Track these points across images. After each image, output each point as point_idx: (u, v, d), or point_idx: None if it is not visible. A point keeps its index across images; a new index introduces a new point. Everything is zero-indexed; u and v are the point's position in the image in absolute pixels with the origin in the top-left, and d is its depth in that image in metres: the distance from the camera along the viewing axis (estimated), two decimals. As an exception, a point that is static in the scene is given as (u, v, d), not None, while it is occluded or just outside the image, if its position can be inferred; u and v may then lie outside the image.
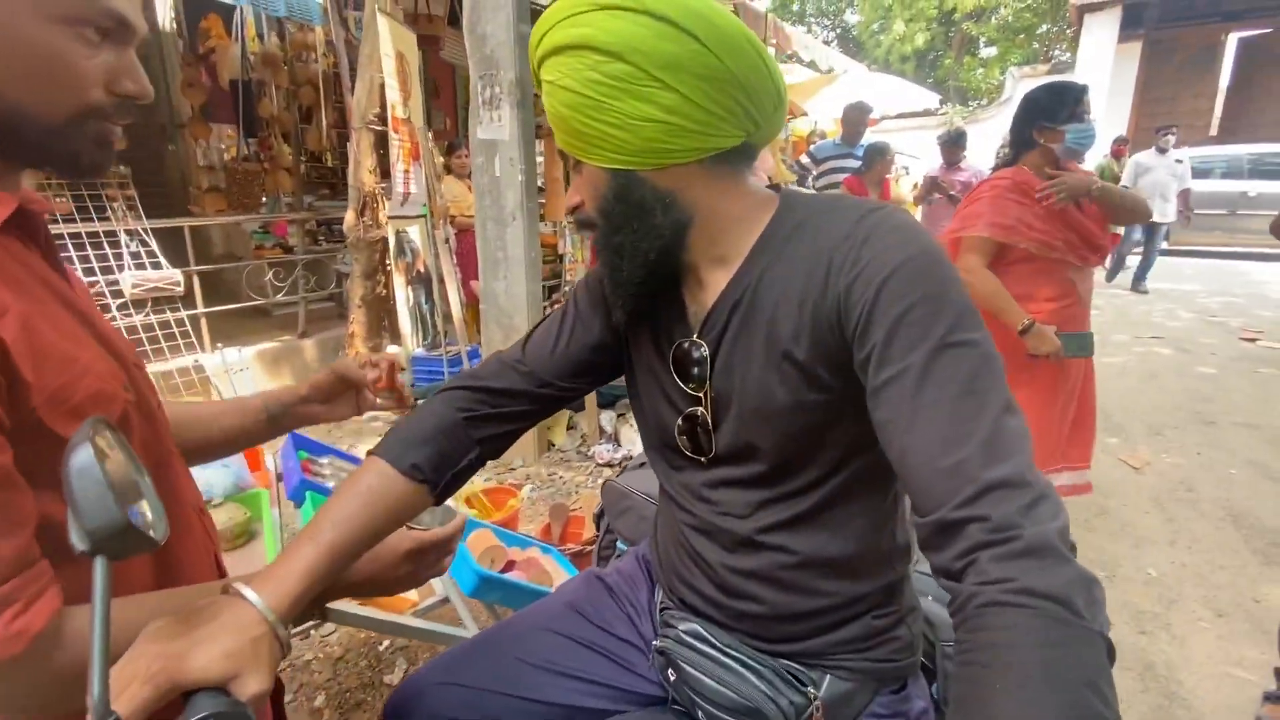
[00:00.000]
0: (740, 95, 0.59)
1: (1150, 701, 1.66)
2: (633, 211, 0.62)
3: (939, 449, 0.49)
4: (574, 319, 0.77)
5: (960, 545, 0.47)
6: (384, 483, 0.66)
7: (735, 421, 0.66)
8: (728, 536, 0.69)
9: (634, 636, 0.80)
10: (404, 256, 3.79)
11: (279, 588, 0.54)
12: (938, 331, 0.52)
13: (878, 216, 0.59)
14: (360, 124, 3.66)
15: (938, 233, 4.80)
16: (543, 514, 2.45)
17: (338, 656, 1.82)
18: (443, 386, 0.75)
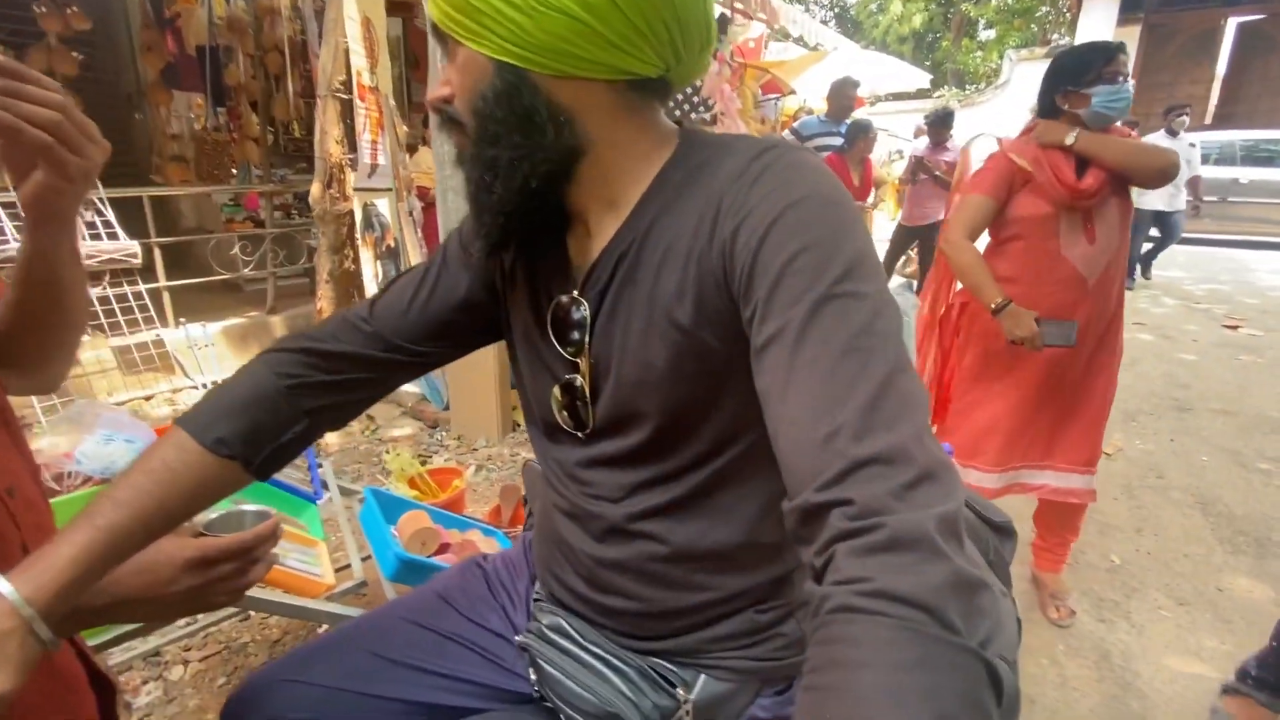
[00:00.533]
0: (670, 18, 0.51)
1: (1104, 691, 1.63)
2: (516, 121, 0.52)
3: (810, 418, 0.41)
4: (439, 271, 0.68)
5: (822, 536, 0.38)
6: (182, 457, 0.58)
7: (613, 392, 0.58)
8: (597, 523, 0.62)
9: (507, 629, 0.74)
10: (372, 230, 3.69)
11: (40, 578, 0.47)
12: (824, 281, 0.44)
13: (773, 154, 0.51)
14: (325, 92, 3.52)
15: (925, 213, 4.76)
16: (490, 497, 2.39)
17: (275, 639, 1.76)
18: (268, 348, 0.66)
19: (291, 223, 4.72)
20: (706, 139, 0.58)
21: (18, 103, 0.52)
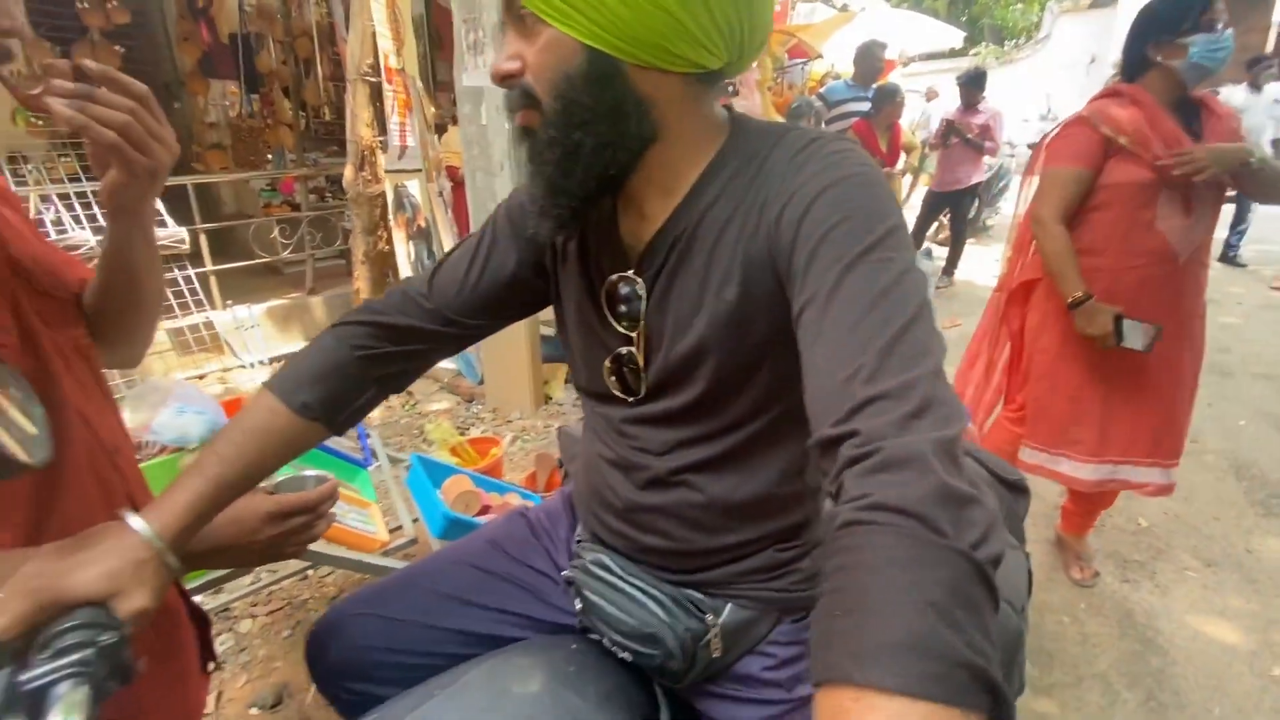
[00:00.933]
0: (745, 16, 0.54)
1: (1124, 648, 1.67)
2: (605, 108, 0.54)
3: (833, 365, 0.45)
4: (489, 250, 0.72)
5: (834, 466, 0.42)
6: (276, 419, 0.67)
7: (664, 363, 0.63)
8: (641, 473, 0.68)
9: (550, 569, 0.82)
10: (404, 211, 3.79)
11: (165, 517, 0.56)
12: (855, 249, 0.48)
13: (818, 144, 0.55)
14: (354, 75, 3.60)
15: (958, 178, 4.65)
16: (527, 464, 2.50)
17: (331, 596, 1.91)
18: (338, 320, 0.74)
19: (326, 205, 4.86)
20: (755, 128, 0.61)
21: (90, 105, 0.59)
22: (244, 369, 3.79)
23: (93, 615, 0.48)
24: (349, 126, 3.71)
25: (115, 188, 0.66)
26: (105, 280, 0.74)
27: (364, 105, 3.67)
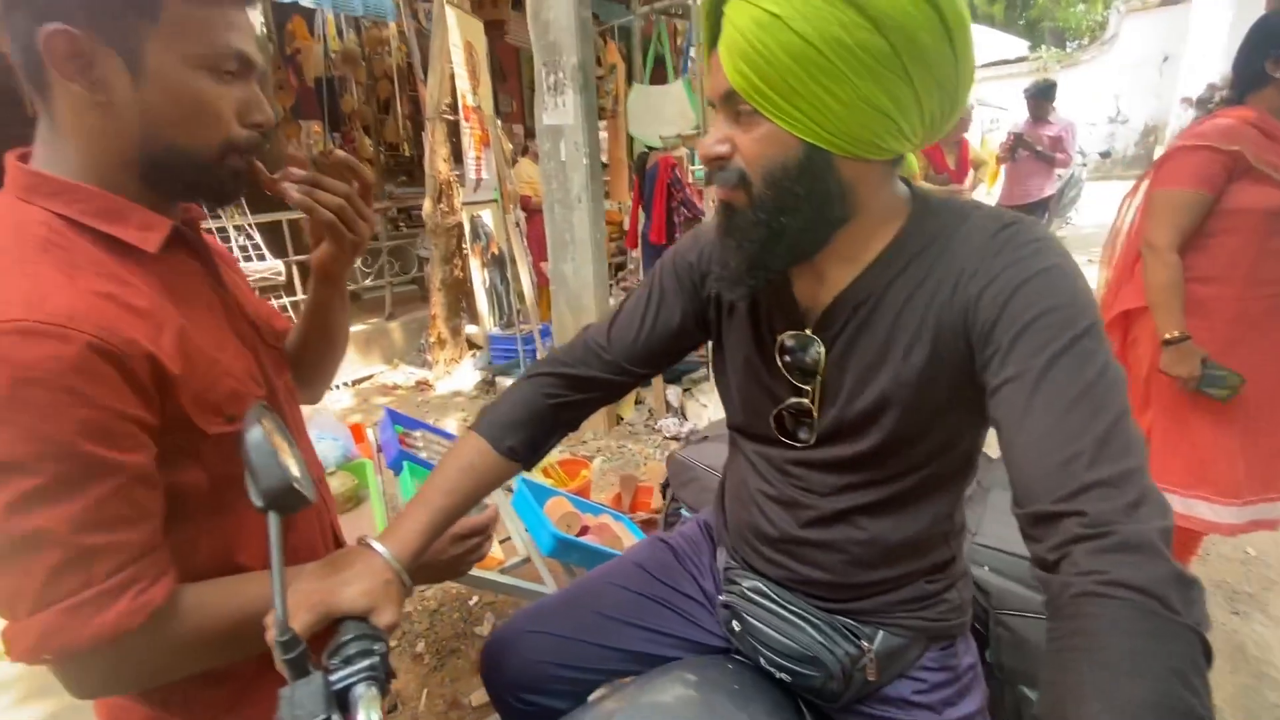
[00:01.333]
0: (948, 108, 0.58)
1: (1238, 683, 1.61)
2: (813, 195, 0.58)
3: (1048, 445, 0.50)
4: (658, 305, 0.78)
5: (1056, 538, 0.48)
6: (484, 460, 0.75)
7: (840, 415, 0.67)
8: (806, 512, 0.73)
9: (698, 593, 0.88)
10: (479, 240, 3.99)
11: (401, 543, 0.65)
12: (1062, 340, 0.52)
13: (1014, 229, 0.59)
14: (434, 114, 3.84)
15: (1027, 191, 4.53)
16: (613, 484, 2.58)
17: (434, 609, 2.03)
18: (532, 370, 0.82)
19: (401, 234, 5.14)
20: (937, 205, 0.65)
21: (315, 190, 0.72)
22: (336, 389, 4.03)
23: (363, 628, 0.57)
24: (428, 162, 3.95)
25: (326, 257, 0.78)
26: (305, 332, 0.87)
27: (442, 142, 3.90)
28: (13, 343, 0.48)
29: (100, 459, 0.52)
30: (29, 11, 0.53)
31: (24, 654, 0.52)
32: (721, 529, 0.88)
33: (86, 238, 0.58)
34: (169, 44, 0.56)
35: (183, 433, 0.59)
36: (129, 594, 0.53)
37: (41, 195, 0.57)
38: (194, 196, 0.66)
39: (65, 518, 0.51)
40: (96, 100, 0.56)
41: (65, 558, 0.51)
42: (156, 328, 0.57)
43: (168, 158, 0.59)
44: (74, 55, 0.54)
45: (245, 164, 0.65)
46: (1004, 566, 0.97)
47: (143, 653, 0.56)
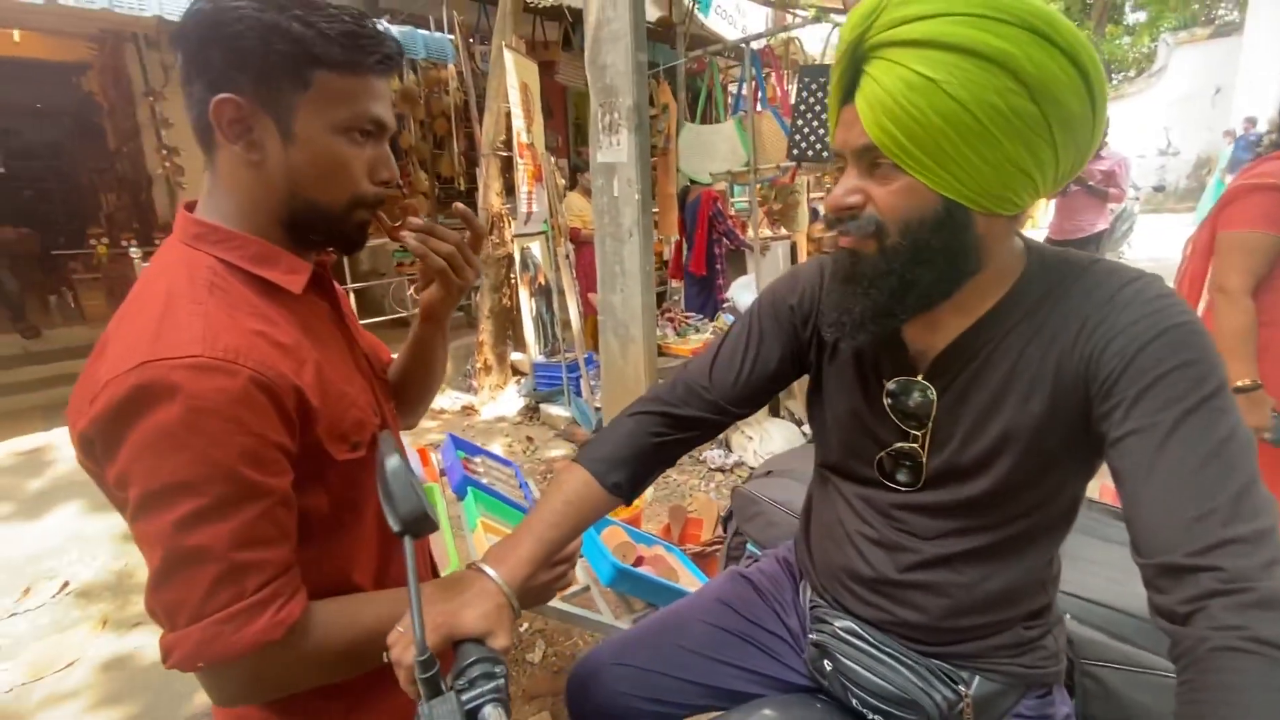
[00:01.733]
0: (1077, 163, 0.59)
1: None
2: (950, 250, 0.59)
3: (1179, 498, 0.51)
4: (757, 346, 0.80)
5: (1189, 591, 0.49)
6: (591, 493, 0.77)
7: (950, 461, 0.68)
8: (906, 555, 0.73)
9: (782, 630, 0.88)
10: (527, 270, 4.11)
11: (512, 569, 0.67)
12: (1192, 398, 0.53)
13: (1139, 285, 0.60)
14: (489, 151, 4.01)
15: (1079, 226, 4.45)
16: (660, 514, 2.59)
17: (485, 634, 2.05)
18: (635, 408, 0.83)
19: (451, 264, 5.31)
20: (1054, 260, 0.65)
21: (430, 239, 0.78)
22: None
23: (483, 651, 0.59)
24: (481, 196, 4.11)
25: (433, 298, 0.84)
26: (407, 365, 0.93)
27: (495, 177, 4.06)
28: (191, 376, 0.54)
29: (254, 483, 0.57)
30: (205, 82, 0.61)
31: (180, 661, 0.56)
32: (807, 566, 0.88)
33: (241, 280, 0.64)
34: (315, 110, 0.62)
35: (315, 460, 0.63)
36: (272, 609, 0.57)
37: (207, 242, 0.64)
38: (326, 245, 0.71)
39: (224, 535, 0.55)
40: (251, 159, 0.63)
41: (221, 572, 0.55)
42: (299, 363, 0.62)
43: (305, 211, 0.66)
44: (237, 120, 0.61)
45: (371, 215, 0.70)
46: (1086, 614, 0.95)
47: (279, 664, 0.60)
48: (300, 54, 0.60)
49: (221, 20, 0.59)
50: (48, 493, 3.07)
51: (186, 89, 0.63)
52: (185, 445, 0.54)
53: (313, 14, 0.60)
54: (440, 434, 3.77)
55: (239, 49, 0.59)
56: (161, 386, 0.53)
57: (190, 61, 0.61)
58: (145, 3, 3.28)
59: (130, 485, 0.54)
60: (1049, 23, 0.53)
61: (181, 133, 5.41)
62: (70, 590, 2.31)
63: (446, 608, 0.62)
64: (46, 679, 1.88)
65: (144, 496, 0.54)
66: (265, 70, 0.60)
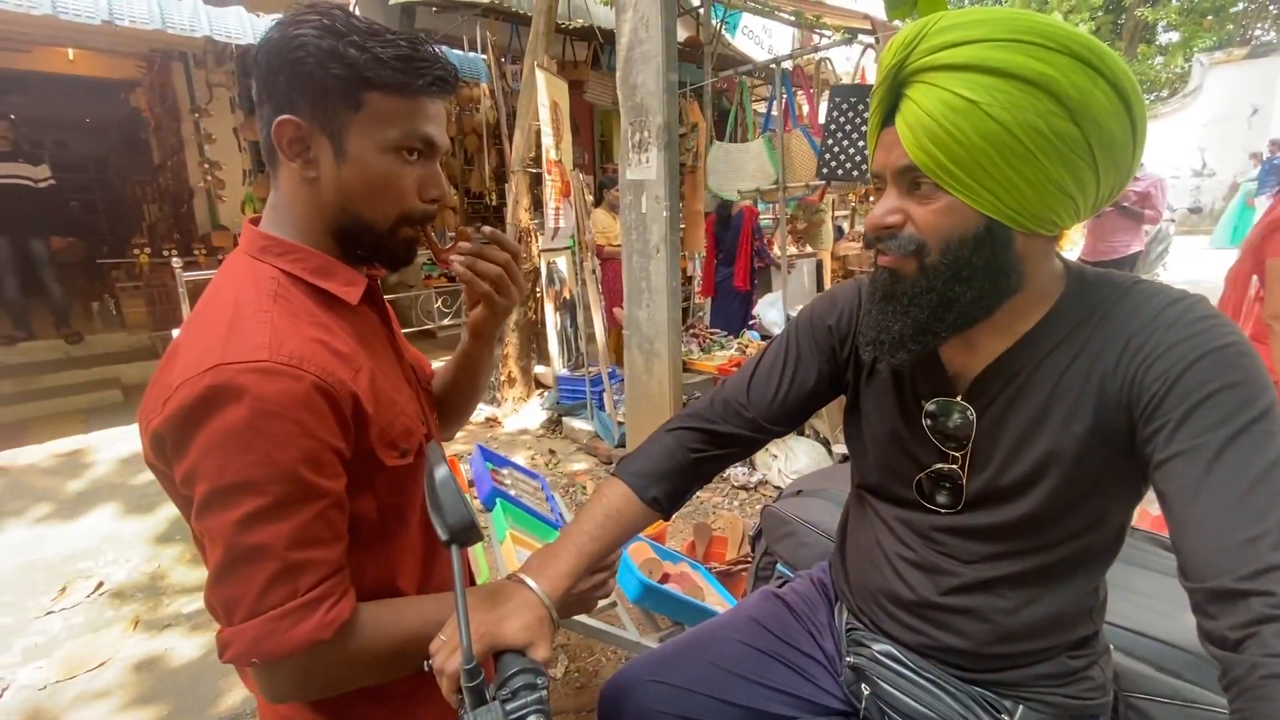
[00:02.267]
0: (1117, 185, 0.60)
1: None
2: (990, 268, 0.60)
3: (1228, 522, 0.50)
4: (795, 365, 0.80)
5: (1239, 616, 0.48)
6: (630, 507, 0.77)
7: (990, 482, 0.68)
8: (947, 579, 0.72)
9: (816, 652, 0.87)
10: (553, 285, 4.15)
11: (552, 581, 0.68)
12: (1240, 419, 0.52)
13: (1183, 305, 0.59)
14: (518, 167, 4.08)
15: (1113, 247, 4.37)
16: (683, 532, 2.57)
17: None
18: (674, 424, 0.84)
19: (477, 277, 5.39)
20: (1095, 280, 0.65)
21: (477, 261, 0.79)
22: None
23: (526, 662, 0.60)
24: (510, 211, 4.17)
25: (481, 319, 0.86)
26: (453, 379, 0.95)
27: (524, 193, 4.12)
28: (258, 380, 0.56)
29: (312, 484, 0.59)
30: (272, 105, 0.64)
31: (236, 656, 0.57)
32: (843, 588, 0.87)
33: (302, 290, 0.67)
34: (365, 130, 0.65)
35: (366, 465, 0.65)
36: (324, 607, 0.59)
37: (272, 255, 0.67)
38: (374, 260, 0.73)
39: (282, 535, 0.57)
40: (308, 176, 0.66)
41: (278, 571, 0.57)
42: (355, 370, 0.64)
43: (353, 226, 0.68)
44: (296, 140, 0.64)
45: (418, 233, 0.72)
46: (1131, 646, 0.92)
47: (328, 663, 0.61)
48: (353, 77, 0.63)
49: (287, 47, 0.62)
50: (85, 494, 3.15)
51: (259, 110, 0.66)
52: (250, 446, 0.56)
53: (369, 39, 0.63)
54: (464, 444, 3.80)
55: (299, 73, 0.62)
56: (230, 389, 0.56)
57: (261, 86, 0.64)
58: (197, 23, 3.42)
59: (197, 483, 0.57)
60: (1091, 49, 0.54)
61: (223, 148, 5.62)
62: (104, 591, 2.37)
63: (489, 618, 0.62)
64: (79, 678, 1.92)
65: (209, 494, 0.56)
66: (321, 92, 0.63)
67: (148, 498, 3.06)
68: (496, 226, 0.92)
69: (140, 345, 5.17)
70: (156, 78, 5.96)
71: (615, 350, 4.20)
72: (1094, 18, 16.42)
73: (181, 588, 2.37)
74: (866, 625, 0.81)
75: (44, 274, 4.77)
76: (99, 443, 3.74)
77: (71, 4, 3.29)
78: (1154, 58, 17.13)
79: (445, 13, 5.41)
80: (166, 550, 2.63)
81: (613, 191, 4.72)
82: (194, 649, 2.04)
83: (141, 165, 7.16)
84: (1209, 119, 12.19)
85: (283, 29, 0.63)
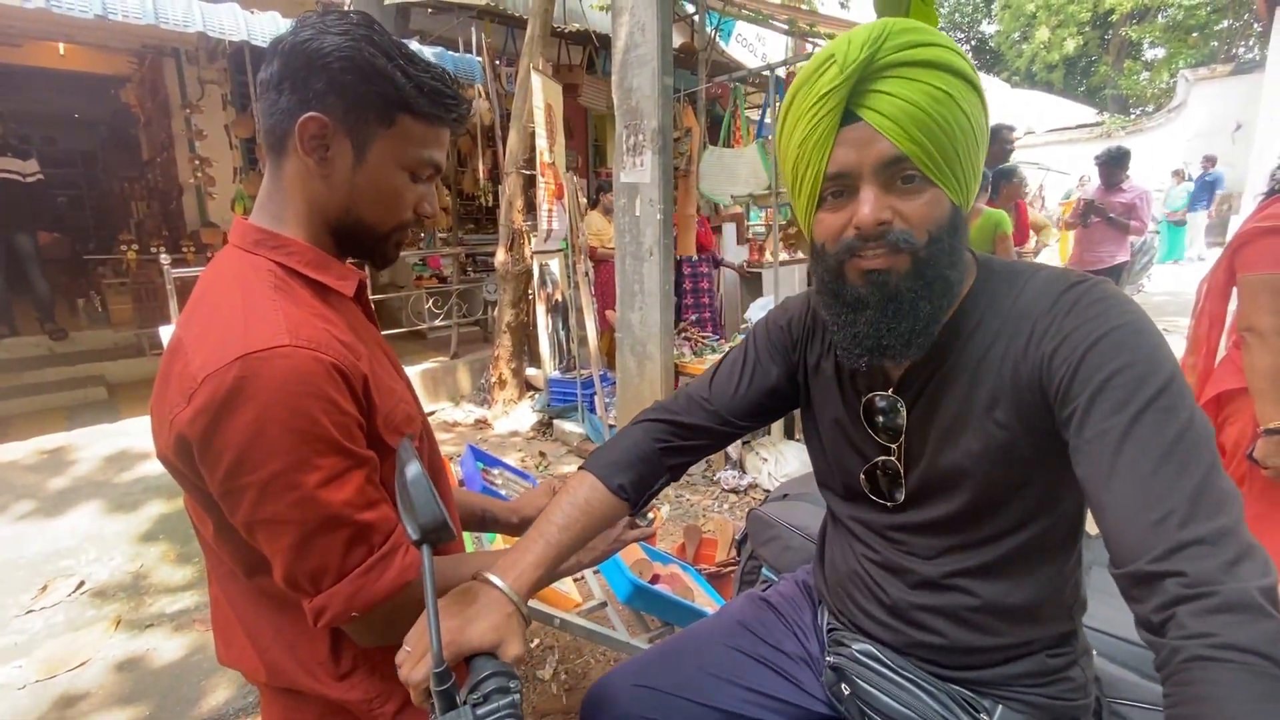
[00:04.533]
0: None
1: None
2: (959, 248, 0.64)
3: (1139, 504, 0.50)
4: (753, 364, 0.83)
5: (1158, 599, 0.48)
6: (596, 495, 0.78)
7: (926, 473, 0.70)
8: (911, 576, 0.73)
9: (801, 653, 0.87)
10: (545, 287, 4.15)
11: (520, 577, 0.67)
12: (1141, 397, 0.53)
13: (1081, 289, 0.61)
14: (513, 169, 4.08)
15: (1099, 258, 4.43)
16: (674, 534, 2.57)
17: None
18: (640, 416, 0.86)
19: (469, 278, 5.38)
20: (1000, 269, 0.68)
21: None
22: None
23: (497, 665, 0.58)
24: (504, 213, 4.17)
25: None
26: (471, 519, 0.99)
27: (518, 194, 4.12)
28: (286, 363, 0.58)
29: (355, 453, 0.62)
30: (300, 98, 0.65)
31: (335, 617, 0.61)
32: (823, 589, 0.87)
33: (299, 282, 0.68)
34: (390, 146, 0.68)
35: (374, 448, 0.66)
36: (399, 554, 0.64)
37: (266, 248, 0.68)
38: (363, 258, 0.76)
39: (345, 502, 0.60)
40: (321, 173, 0.67)
41: (352, 534, 0.61)
42: (358, 357, 0.65)
43: (355, 228, 0.71)
44: (318, 137, 0.66)
45: (405, 238, 0.76)
46: (1113, 651, 0.93)
47: (408, 605, 0.65)
48: (394, 98, 0.66)
49: (336, 53, 0.64)
50: (68, 492, 3.11)
51: (272, 97, 0.66)
52: (293, 427, 0.57)
53: (413, 66, 0.67)
54: (454, 446, 3.79)
55: (343, 81, 0.64)
56: (260, 376, 0.57)
57: (289, 78, 0.65)
58: (190, 19, 3.39)
59: (248, 472, 0.57)
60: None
61: (214, 145, 5.57)
62: (86, 590, 2.33)
63: (453, 623, 0.61)
64: (59, 677, 1.89)
65: (268, 480, 0.58)
66: (359, 103, 0.65)
67: (131, 496, 3.02)
68: (491, 228, 0.93)
69: (126, 342, 5.11)
70: (148, 73, 5.92)
71: (607, 353, 4.20)
72: (1081, 33, 16.68)
73: (164, 587, 2.35)
74: (846, 625, 0.82)
75: (30, 269, 4.71)
76: (82, 440, 3.69)
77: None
78: (1140, 73, 17.40)
79: (440, 14, 5.41)
80: (149, 549, 2.60)
81: (608, 195, 4.73)
82: (176, 649, 2.02)
83: (131, 161, 7.10)
84: (1194, 133, 12.39)
85: (330, 34, 0.65)
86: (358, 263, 0.77)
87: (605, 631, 1.47)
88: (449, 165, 5.26)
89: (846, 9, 6.80)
